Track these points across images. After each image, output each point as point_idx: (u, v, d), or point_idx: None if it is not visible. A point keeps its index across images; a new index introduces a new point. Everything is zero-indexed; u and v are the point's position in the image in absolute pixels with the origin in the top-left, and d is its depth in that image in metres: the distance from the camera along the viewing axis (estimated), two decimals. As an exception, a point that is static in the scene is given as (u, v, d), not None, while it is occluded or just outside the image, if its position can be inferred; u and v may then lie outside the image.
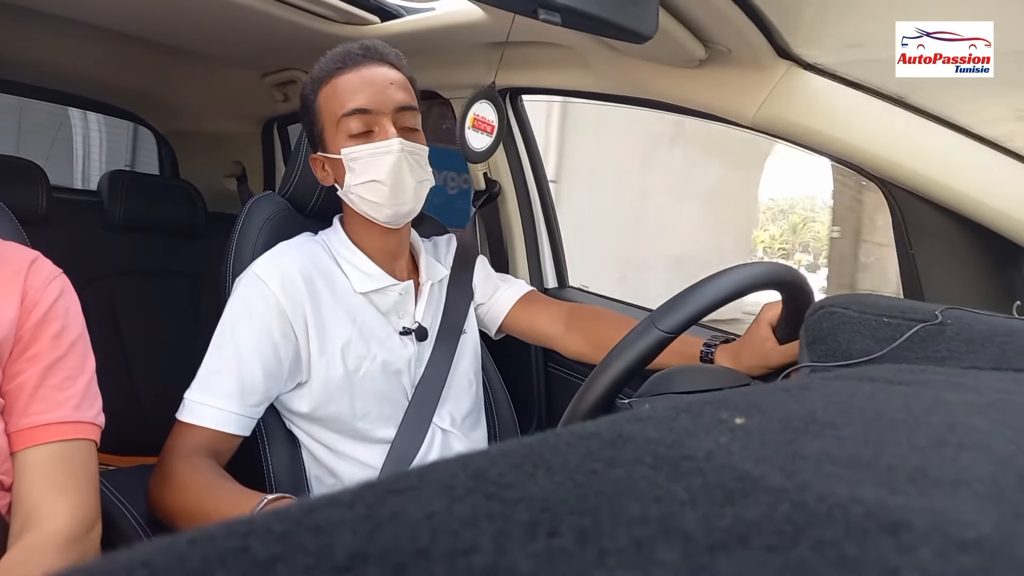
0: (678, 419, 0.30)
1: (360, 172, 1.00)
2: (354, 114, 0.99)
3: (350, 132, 1.00)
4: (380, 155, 0.99)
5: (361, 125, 0.99)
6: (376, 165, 0.99)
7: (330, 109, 1.01)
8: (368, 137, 1.00)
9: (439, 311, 1.16)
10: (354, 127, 0.99)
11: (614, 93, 1.26)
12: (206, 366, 0.97)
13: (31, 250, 0.85)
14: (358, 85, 1.00)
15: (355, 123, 0.99)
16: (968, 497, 0.23)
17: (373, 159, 0.99)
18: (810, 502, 0.22)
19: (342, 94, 1.00)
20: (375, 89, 1.00)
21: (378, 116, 1.00)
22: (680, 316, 0.76)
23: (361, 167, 1.00)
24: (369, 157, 1.00)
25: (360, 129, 0.99)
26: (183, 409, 0.95)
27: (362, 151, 0.99)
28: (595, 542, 0.19)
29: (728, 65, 1.01)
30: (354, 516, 0.20)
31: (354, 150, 1.00)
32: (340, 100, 1.00)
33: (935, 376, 0.44)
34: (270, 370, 0.97)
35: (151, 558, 0.18)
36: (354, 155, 1.00)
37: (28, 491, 0.75)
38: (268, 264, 1.01)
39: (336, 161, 1.03)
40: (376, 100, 1.00)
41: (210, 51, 1.71)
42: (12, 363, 0.77)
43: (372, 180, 1.00)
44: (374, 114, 1.00)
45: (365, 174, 1.00)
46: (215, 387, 0.94)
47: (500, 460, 0.24)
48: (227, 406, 0.94)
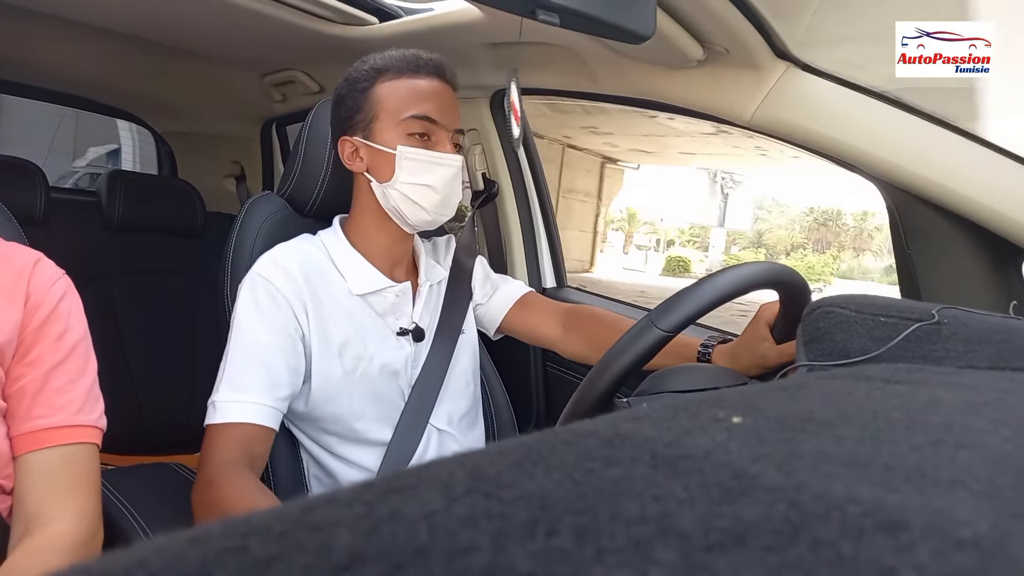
0: (676, 418, 0.30)
1: (414, 172, 1.02)
2: (422, 119, 1.02)
3: (410, 131, 1.02)
4: (440, 165, 1.03)
5: (423, 130, 1.03)
6: (434, 173, 1.03)
7: (393, 103, 1.03)
8: (426, 143, 1.03)
9: (437, 312, 1.16)
10: (416, 129, 1.02)
11: (612, 94, 1.26)
12: (230, 366, 0.96)
13: (34, 251, 0.84)
14: (431, 94, 1.04)
15: (419, 126, 1.02)
16: (965, 496, 0.23)
17: (432, 166, 1.03)
18: (807, 501, 0.22)
19: (413, 95, 1.03)
20: (445, 105, 1.05)
21: (440, 129, 1.04)
22: (678, 315, 0.76)
23: (416, 168, 1.02)
24: (428, 163, 1.02)
25: (421, 132, 1.03)
26: (214, 412, 0.94)
27: (422, 155, 1.02)
28: (593, 541, 0.19)
29: (726, 66, 1.01)
30: (352, 515, 0.20)
31: (414, 151, 1.02)
32: (410, 100, 1.03)
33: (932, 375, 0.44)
34: (291, 363, 0.98)
35: (149, 558, 0.18)
36: (412, 155, 1.02)
37: (30, 495, 0.74)
38: (269, 264, 1.02)
39: (381, 153, 1.03)
40: (444, 115, 1.04)
41: (208, 51, 1.71)
42: (15, 366, 0.77)
43: (426, 185, 1.02)
44: (438, 126, 1.03)
45: (420, 177, 1.02)
46: (243, 383, 0.95)
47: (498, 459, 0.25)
48: (259, 399, 0.94)
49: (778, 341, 0.94)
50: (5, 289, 0.77)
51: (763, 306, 0.97)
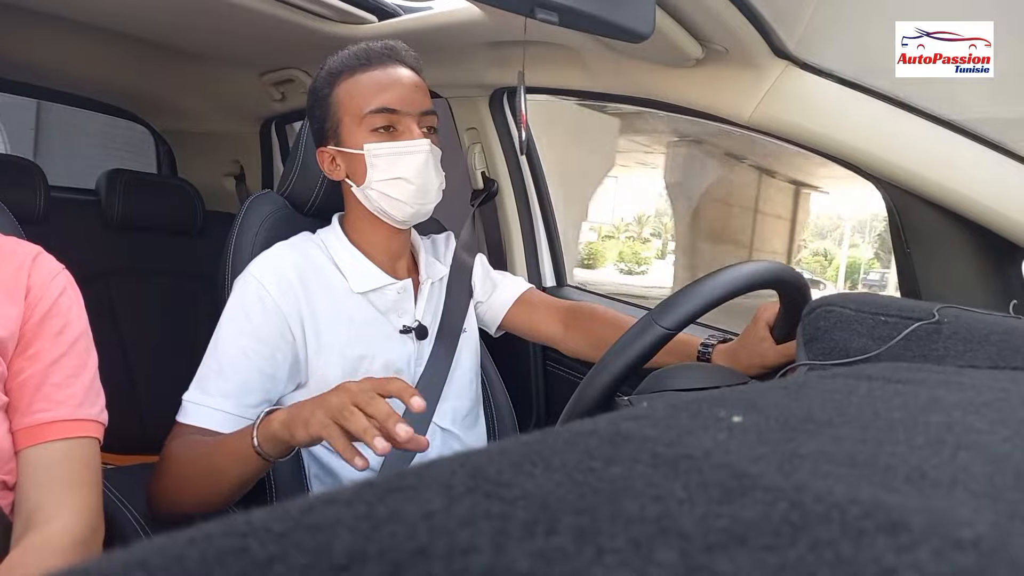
0: (676, 418, 0.30)
1: (384, 169, 1.01)
2: (381, 112, 1.00)
3: (373, 127, 1.01)
4: (407, 154, 1.01)
5: (386, 122, 1.01)
6: (403, 163, 1.01)
7: (352, 103, 1.02)
8: (392, 135, 1.01)
9: (439, 310, 1.16)
10: (379, 123, 1.00)
11: (611, 93, 1.26)
12: (204, 368, 0.96)
13: (34, 245, 0.84)
14: (386, 83, 1.01)
15: (381, 120, 1.00)
16: (965, 496, 0.23)
17: (400, 157, 1.01)
18: (807, 501, 0.22)
19: (368, 90, 1.01)
20: (403, 90, 1.01)
21: (403, 116, 1.01)
22: (679, 313, 0.77)
23: (385, 164, 1.01)
24: (395, 155, 1.01)
25: (385, 125, 1.01)
26: (181, 411, 0.94)
27: (388, 148, 1.00)
28: (593, 541, 0.19)
29: (725, 64, 1.01)
30: (352, 515, 0.20)
31: (380, 146, 1.01)
32: (366, 96, 1.01)
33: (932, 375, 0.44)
34: (267, 371, 0.96)
35: (149, 558, 0.18)
36: (378, 151, 1.01)
37: (31, 490, 0.74)
38: (264, 265, 1.01)
39: (353, 156, 1.02)
40: (403, 100, 1.01)
41: (208, 50, 1.71)
42: (15, 360, 0.77)
43: (398, 177, 1.01)
44: (400, 114, 1.01)
45: (390, 171, 1.01)
46: (212, 388, 0.94)
47: (499, 459, 0.25)
48: (224, 406, 0.93)
49: (778, 341, 0.94)
50: (5, 283, 0.77)
51: (762, 306, 0.97)
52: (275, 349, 0.97)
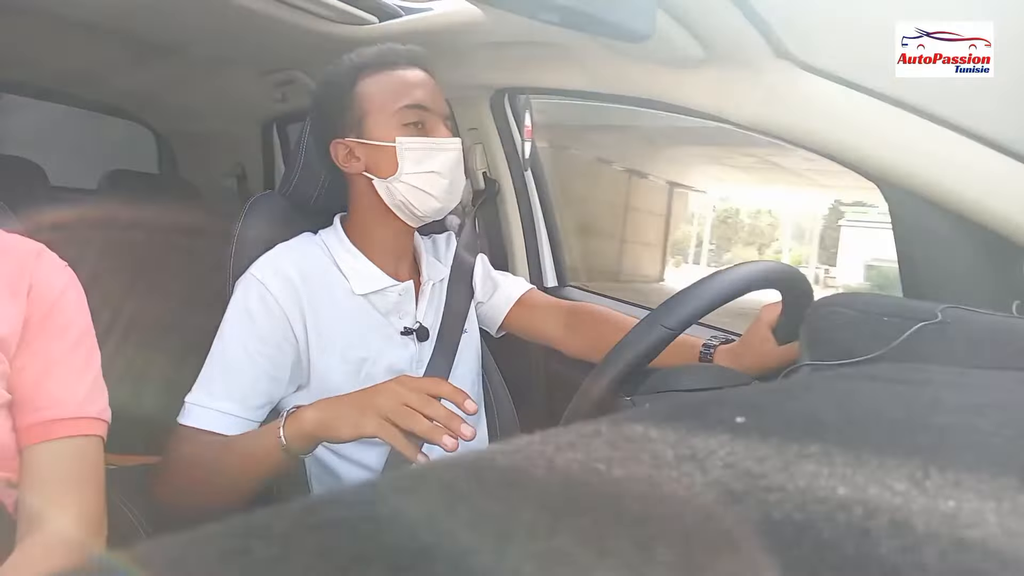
0: (679, 418, 0.30)
1: (418, 162, 1.02)
2: (415, 108, 1.02)
3: (405, 122, 1.02)
4: (440, 151, 1.03)
5: (419, 119, 1.03)
6: (436, 159, 1.03)
7: (382, 97, 1.03)
8: (422, 131, 1.03)
9: (440, 310, 1.15)
10: (411, 121, 1.02)
11: (611, 93, 1.25)
12: (207, 369, 0.96)
13: (36, 242, 0.84)
14: (418, 83, 1.04)
15: (414, 116, 1.02)
16: (970, 497, 0.23)
17: (432, 153, 1.02)
18: (812, 502, 0.21)
19: (401, 86, 1.03)
20: (432, 92, 1.05)
21: (433, 115, 1.04)
22: (683, 313, 0.76)
23: (419, 157, 1.02)
24: (428, 150, 1.02)
25: (416, 121, 1.02)
26: (184, 412, 0.94)
27: (421, 143, 1.02)
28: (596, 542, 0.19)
29: (725, 65, 1.01)
30: (355, 516, 0.20)
31: (414, 141, 1.02)
32: (399, 91, 1.03)
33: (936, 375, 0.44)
34: (271, 373, 0.96)
35: (151, 558, 0.18)
36: (413, 145, 1.02)
37: (35, 488, 0.74)
38: (266, 266, 1.01)
39: (379, 149, 1.02)
40: (434, 101, 1.04)
41: (209, 51, 1.71)
42: (18, 357, 0.76)
43: (432, 172, 1.02)
44: (431, 112, 1.03)
45: (424, 165, 1.02)
46: (216, 390, 0.94)
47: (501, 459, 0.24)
48: (229, 409, 0.93)
49: (780, 342, 0.94)
50: (8, 280, 0.77)
51: (765, 307, 0.97)
52: (278, 351, 0.97)
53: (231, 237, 1.13)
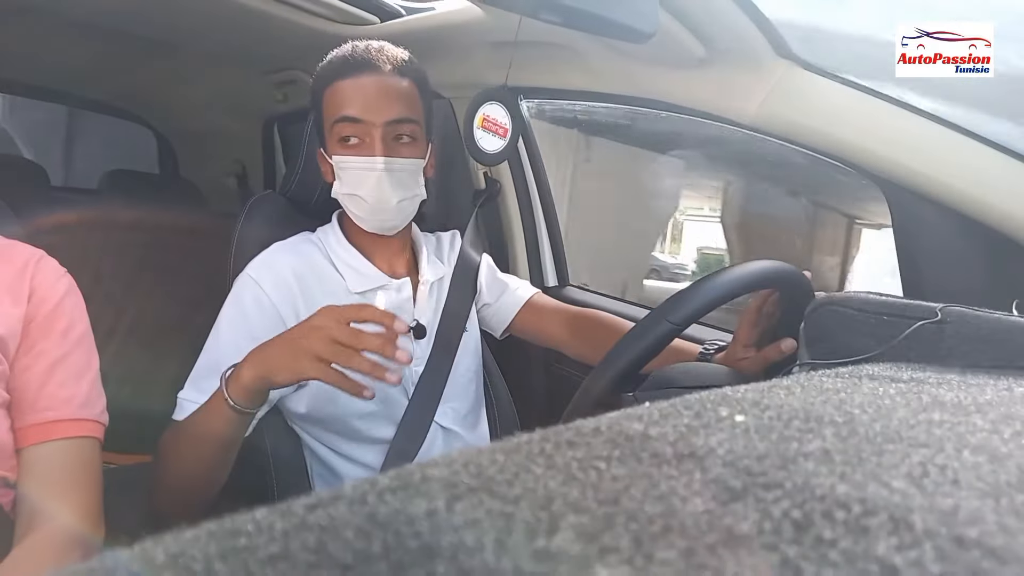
0: (680, 416, 0.30)
1: (346, 182, 1.02)
2: (344, 121, 0.99)
3: (340, 136, 1.00)
4: (363, 170, 1.00)
5: (351, 132, 0.99)
6: (359, 178, 1.00)
7: (328, 111, 1.02)
8: (358, 148, 1.00)
9: (439, 309, 1.15)
10: (344, 133, 1.00)
11: (614, 93, 1.25)
12: (200, 366, 0.97)
13: (36, 249, 0.85)
14: (354, 92, 0.99)
15: (346, 129, 0.99)
16: (968, 495, 0.23)
17: (357, 172, 1.00)
18: (810, 500, 0.22)
19: (338, 99, 1.00)
20: (368, 99, 0.99)
21: (368, 127, 0.99)
22: (685, 310, 0.76)
23: (347, 177, 1.01)
24: (354, 170, 1.00)
25: (350, 135, 1.00)
26: (177, 408, 0.94)
27: (349, 163, 1.00)
28: (596, 540, 0.19)
29: (727, 64, 1.01)
30: (356, 514, 0.20)
31: (343, 159, 1.01)
32: (336, 105, 1.00)
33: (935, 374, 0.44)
34: None
35: (152, 555, 0.18)
36: (342, 164, 1.01)
37: (33, 488, 0.75)
38: (262, 265, 1.01)
39: (329, 163, 1.04)
40: (367, 110, 0.98)
41: (210, 51, 1.71)
42: (19, 359, 0.77)
43: (354, 194, 1.01)
44: (364, 124, 0.99)
45: (349, 185, 1.01)
46: (207, 387, 0.93)
47: (501, 457, 0.25)
48: None
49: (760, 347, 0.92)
50: (8, 285, 0.78)
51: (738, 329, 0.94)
52: None
53: (231, 237, 1.13)
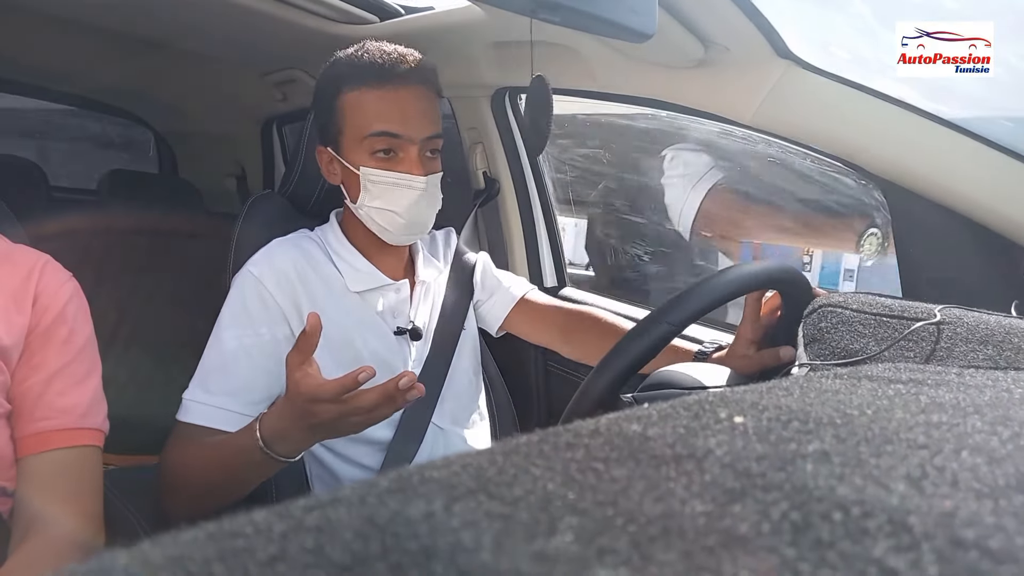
0: (678, 418, 0.30)
1: (377, 195, 0.99)
2: (382, 136, 0.97)
3: (374, 149, 0.97)
4: (402, 188, 0.98)
5: (387, 147, 0.97)
6: (396, 195, 0.98)
7: (355, 119, 0.98)
8: (394, 164, 0.98)
9: (436, 309, 1.15)
10: (379, 146, 0.97)
11: (614, 92, 1.25)
12: (204, 365, 0.96)
13: (42, 253, 0.84)
14: (391, 108, 0.97)
15: (381, 144, 0.97)
16: (967, 497, 0.23)
17: (394, 189, 0.98)
18: (809, 501, 0.22)
19: (373, 110, 0.97)
20: (408, 116, 0.97)
21: (405, 143, 0.97)
22: (684, 311, 0.76)
23: (379, 191, 0.98)
24: (390, 185, 0.98)
25: (385, 148, 0.97)
26: (182, 410, 0.94)
27: (384, 177, 0.98)
28: (594, 541, 0.19)
29: (727, 64, 1.01)
30: (354, 516, 0.20)
31: (376, 173, 0.98)
32: (369, 116, 0.97)
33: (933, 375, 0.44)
34: (269, 368, 0.96)
35: (151, 557, 0.18)
36: (374, 178, 0.98)
37: (32, 497, 0.74)
38: (263, 261, 1.01)
39: (350, 172, 1.01)
40: (407, 127, 0.97)
41: (208, 50, 1.71)
42: (20, 368, 0.77)
43: (389, 210, 0.99)
44: (403, 140, 0.97)
45: (382, 199, 0.99)
46: (213, 386, 0.94)
47: (500, 459, 0.25)
48: (227, 404, 0.93)
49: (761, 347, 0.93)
50: (13, 292, 0.77)
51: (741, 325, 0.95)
52: (274, 345, 0.96)
53: (231, 237, 1.13)
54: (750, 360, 0.92)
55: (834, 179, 1.19)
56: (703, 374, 0.81)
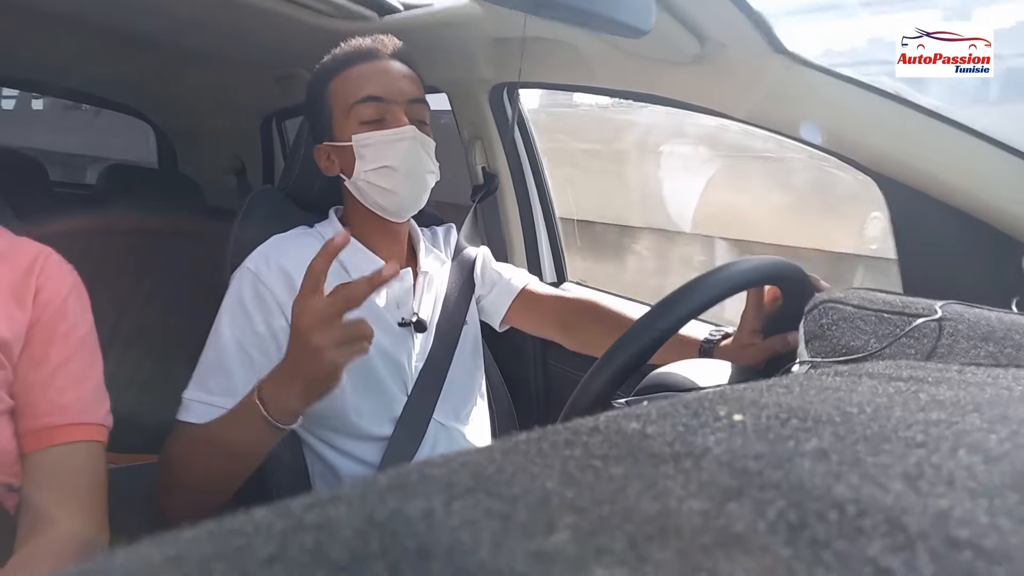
0: (676, 416, 0.30)
1: (372, 159, 1.01)
2: (367, 101, 1.01)
3: (361, 119, 1.01)
4: (394, 141, 1.00)
5: (374, 113, 1.01)
6: (389, 151, 1.01)
7: (342, 97, 1.03)
8: (380, 125, 1.01)
9: (439, 302, 1.15)
10: (367, 114, 1.01)
11: (610, 88, 1.25)
12: (203, 364, 0.96)
13: (42, 245, 0.84)
14: (372, 75, 1.02)
15: (368, 110, 1.01)
16: (964, 495, 0.23)
17: (386, 145, 1.01)
18: (806, 500, 0.22)
19: (355, 82, 1.02)
20: (389, 79, 1.03)
21: (391, 105, 1.01)
22: (679, 311, 0.76)
23: (373, 153, 1.01)
24: (382, 144, 1.01)
25: (373, 116, 1.01)
26: (183, 409, 0.93)
27: (374, 137, 1.01)
28: (592, 540, 0.19)
29: (724, 60, 1.01)
30: (353, 514, 0.20)
31: (366, 136, 1.01)
32: (353, 88, 1.02)
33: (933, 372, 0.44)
34: (267, 366, 0.95)
35: (151, 556, 0.18)
36: (366, 141, 1.01)
37: (37, 493, 0.74)
38: (261, 258, 1.01)
39: (344, 149, 1.03)
40: (389, 89, 1.02)
41: (208, 47, 1.71)
42: (21, 363, 0.77)
43: (385, 166, 1.01)
44: (387, 103, 1.01)
45: (377, 160, 1.01)
46: (213, 385, 0.93)
47: (499, 457, 0.25)
48: (227, 404, 0.92)
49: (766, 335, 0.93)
50: (14, 286, 0.77)
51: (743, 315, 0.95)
52: (274, 342, 0.96)
53: (230, 232, 1.13)
54: (757, 348, 0.92)
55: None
56: (698, 375, 0.81)
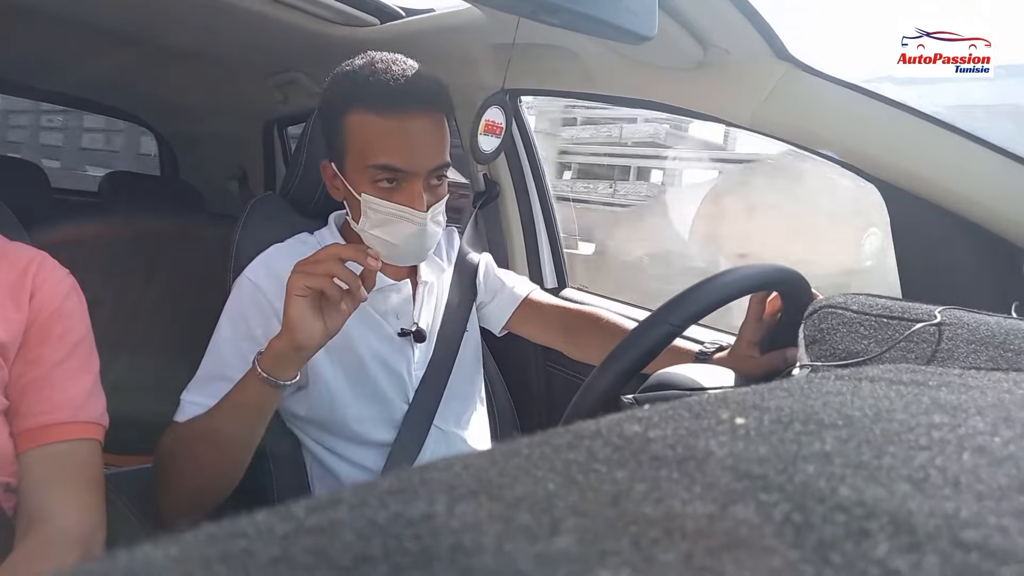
0: (680, 419, 0.30)
1: (377, 224, 0.96)
2: (383, 169, 0.93)
3: (375, 179, 0.94)
4: (403, 221, 0.94)
5: (392, 178, 0.94)
6: (396, 227, 0.95)
7: (359, 145, 0.94)
8: (395, 194, 0.94)
9: (439, 310, 1.15)
10: (382, 179, 0.94)
11: (613, 95, 1.26)
12: (203, 369, 0.96)
13: (37, 250, 0.85)
14: (396, 140, 0.92)
15: (384, 176, 0.93)
16: (969, 498, 0.23)
17: (395, 220, 0.95)
18: (811, 503, 0.22)
19: (377, 141, 0.93)
20: (414, 148, 0.93)
21: (411, 178, 0.93)
22: (684, 312, 0.76)
23: (379, 220, 0.95)
24: (391, 216, 0.94)
25: (388, 183, 0.94)
26: (180, 411, 0.94)
27: (385, 208, 0.94)
28: (596, 543, 0.19)
29: (726, 66, 1.01)
30: (355, 517, 0.20)
31: (377, 203, 0.94)
32: (373, 146, 0.93)
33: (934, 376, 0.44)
34: None
35: (151, 558, 0.18)
36: (376, 207, 0.95)
37: (33, 491, 0.75)
38: (260, 267, 1.01)
39: (351, 194, 0.98)
40: (412, 161, 0.93)
41: (210, 53, 1.71)
42: (17, 363, 0.77)
43: (387, 240, 0.96)
44: (406, 174, 0.93)
45: (382, 229, 0.96)
46: (209, 389, 0.93)
47: (501, 460, 0.25)
48: None
49: (764, 350, 0.93)
50: (10, 288, 0.78)
51: (743, 324, 0.95)
52: None
53: (232, 239, 1.13)
54: (756, 362, 0.92)
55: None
56: (704, 376, 0.82)
